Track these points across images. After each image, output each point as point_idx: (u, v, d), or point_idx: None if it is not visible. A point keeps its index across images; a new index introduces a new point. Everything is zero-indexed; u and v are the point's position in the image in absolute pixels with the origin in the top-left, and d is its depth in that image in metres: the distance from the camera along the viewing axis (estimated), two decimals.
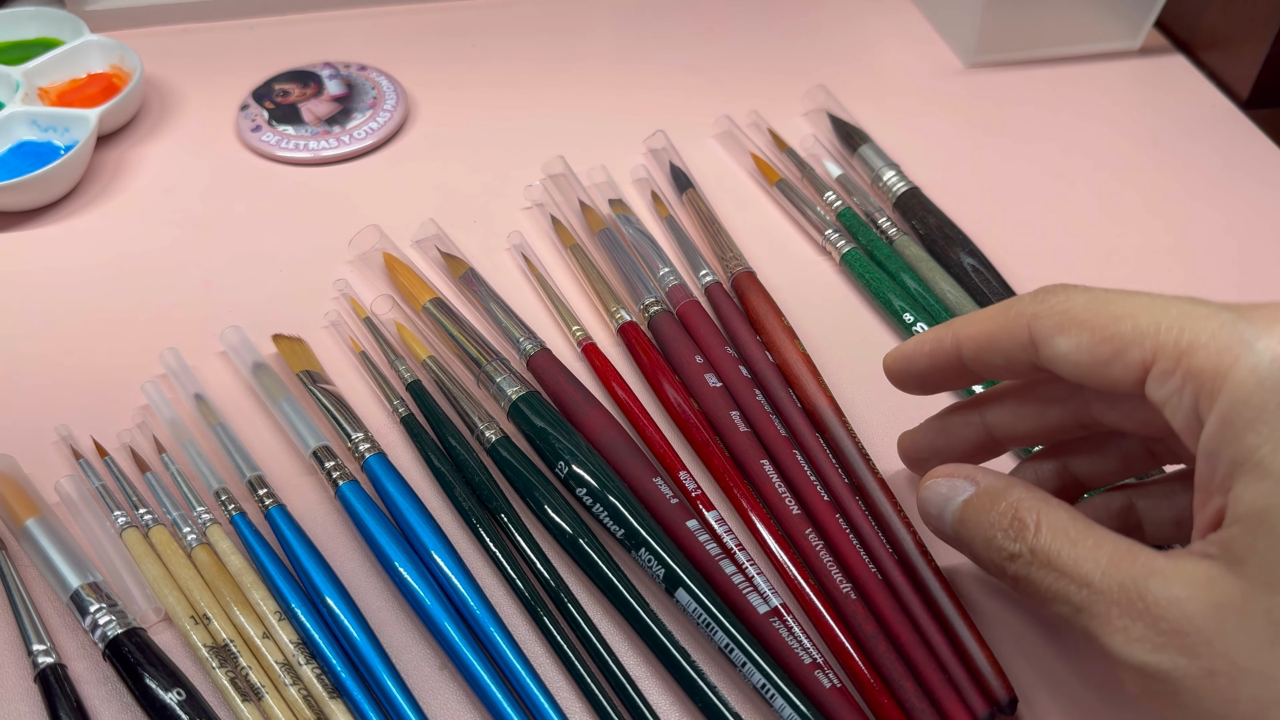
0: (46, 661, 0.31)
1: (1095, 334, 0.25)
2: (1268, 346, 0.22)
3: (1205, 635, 0.22)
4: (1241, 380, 0.22)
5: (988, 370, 0.29)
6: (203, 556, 0.33)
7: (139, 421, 0.37)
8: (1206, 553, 0.23)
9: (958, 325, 0.29)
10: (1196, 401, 0.23)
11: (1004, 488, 0.28)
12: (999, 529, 0.27)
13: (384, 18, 0.57)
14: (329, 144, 0.48)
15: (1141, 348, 0.24)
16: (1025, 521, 0.26)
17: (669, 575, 0.32)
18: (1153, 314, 0.24)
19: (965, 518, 0.28)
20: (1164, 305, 0.24)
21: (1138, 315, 0.25)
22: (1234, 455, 0.23)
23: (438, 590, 0.32)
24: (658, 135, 0.48)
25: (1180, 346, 0.24)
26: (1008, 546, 0.27)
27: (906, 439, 0.34)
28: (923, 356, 0.31)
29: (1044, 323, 0.26)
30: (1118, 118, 0.52)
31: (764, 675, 0.30)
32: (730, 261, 0.42)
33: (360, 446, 0.36)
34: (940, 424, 0.33)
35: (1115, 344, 0.25)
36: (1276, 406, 0.22)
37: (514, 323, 0.40)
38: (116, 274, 0.43)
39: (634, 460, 0.35)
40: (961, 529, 0.29)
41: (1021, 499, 0.27)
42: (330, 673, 0.31)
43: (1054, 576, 0.25)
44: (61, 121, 0.47)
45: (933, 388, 0.32)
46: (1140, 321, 0.24)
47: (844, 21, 0.57)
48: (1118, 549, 0.25)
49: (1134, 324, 0.25)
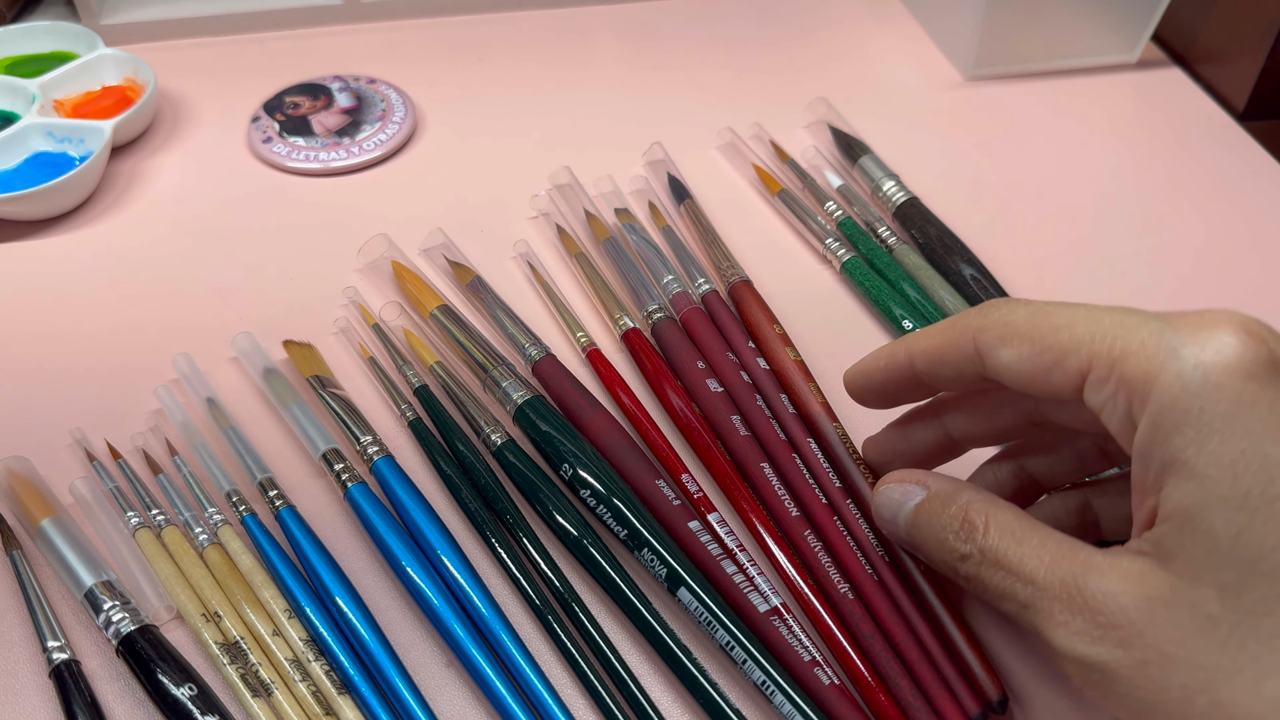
0: (61, 658, 0.32)
1: (1035, 345, 0.26)
2: (1192, 353, 0.24)
3: (1137, 627, 0.24)
4: (1168, 385, 0.24)
5: (940, 383, 0.30)
6: (214, 556, 0.34)
7: (152, 425, 0.38)
8: (1140, 550, 0.25)
9: (910, 340, 0.30)
10: (1129, 406, 0.24)
11: (954, 491, 0.29)
12: (950, 531, 0.28)
13: (392, 32, 0.58)
14: (339, 155, 0.49)
15: (1078, 356, 0.25)
16: (974, 523, 0.27)
17: (671, 575, 0.33)
18: (1089, 324, 0.25)
19: (918, 521, 0.29)
20: (1099, 316, 0.25)
21: (1074, 326, 0.26)
22: (1163, 457, 0.24)
23: (444, 589, 0.33)
24: (655, 147, 0.49)
25: (1113, 354, 0.25)
26: (958, 547, 0.28)
27: (871, 444, 0.35)
28: (879, 371, 0.32)
29: (988, 335, 0.27)
30: (1115, 130, 0.52)
31: (764, 672, 0.30)
32: (727, 270, 0.43)
33: (369, 449, 0.36)
34: (901, 430, 0.34)
35: (1054, 354, 0.26)
36: (1199, 410, 0.23)
37: (520, 329, 0.40)
38: (130, 281, 0.44)
39: (637, 463, 0.36)
40: (914, 532, 0.30)
41: (971, 501, 0.28)
42: (339, 669, 0.31)
43: (1001, 575, 0.26)
44: (77, 133, 0.48)
45: (891, 401, 0.33)
46: (1077, 332, 0.25)
47: (845, 36, 0.58)
48: (1060, 547, 0.26)
49: (1071, 334, 0.26)
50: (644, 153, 0.49)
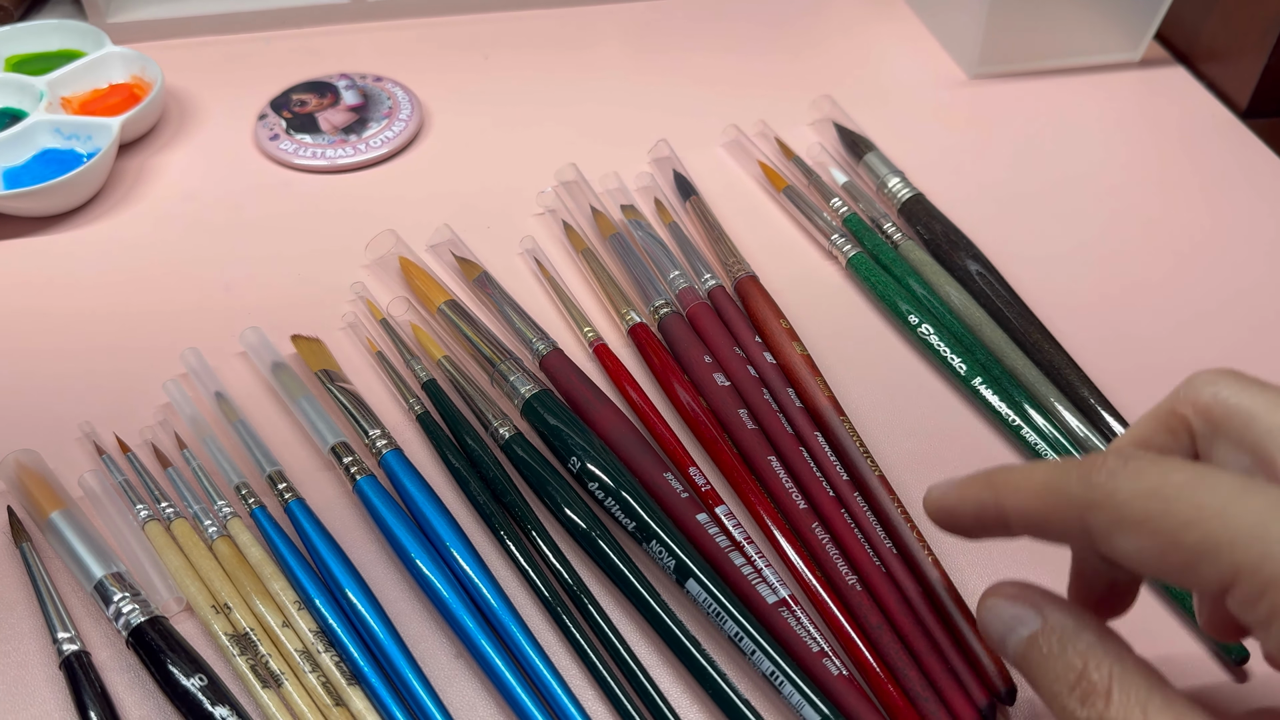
0: (71, 649, 0.32)
1: (1159, 540, 0.22)
2: None
3: None
4: None
5: (1042, 540, 0.26)
6: (223, 548, 0.34)
7: (160, 419, 0.38)
8: None
9: (1001, 492, 0.26)
10: None
11: (1074, 629, 0.24)
12: (1065, 684, 0.24)
13: (398, 30, 0.58)
14: (345, 152, 0.49)
15: (1217, 566, 0.21)
16: (1095, 685, 0.23)
17: (679, 566, 0.33)
18: (1224, 525, 0.21)
19: (1029, 655, 0.25)
20: (1234, 512, 0.21)
21: (1206, 522, 0.21)
22: None
23: (453, 581, 0.33)
24: (661, 144, 0.49)
25: (1263, 576, 0.20)
26: (1074, 710, 0.23)
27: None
28: (967, 516, 0.27)
29: (1099, 518, 0.23)
30: (1119, 128, 0.53)
31: (773, 663, 0.30)
32: (733, 266, 0.43)
33: (377, 443, 0.37)
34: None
35: (1185, 555, 0.22)
36: None
37: (527, 324, 0.41)
38: (138, 277, 0.44)
39: (645, 456, 0.36)
40: (1024, 665, 0.25)
41: (1093, 651, 0.23)
42: (348, 660, 0.32)
43: None
44: (84, 130, 0.48)
45: (978, 537, 0.28)
46: (1211, 531, 0.21)
47: (849, 34, 0.58)
48: None
49: (1204, 534, 0.21)
50: (649, 150, 0.49)
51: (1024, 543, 0.35)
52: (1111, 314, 0.43)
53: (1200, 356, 0.41)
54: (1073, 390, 0.39)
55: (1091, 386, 0.39)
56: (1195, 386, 0.25)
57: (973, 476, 0.27)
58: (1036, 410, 0.38)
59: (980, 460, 0.38)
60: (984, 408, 0.39)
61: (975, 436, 0.39)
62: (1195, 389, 0.25)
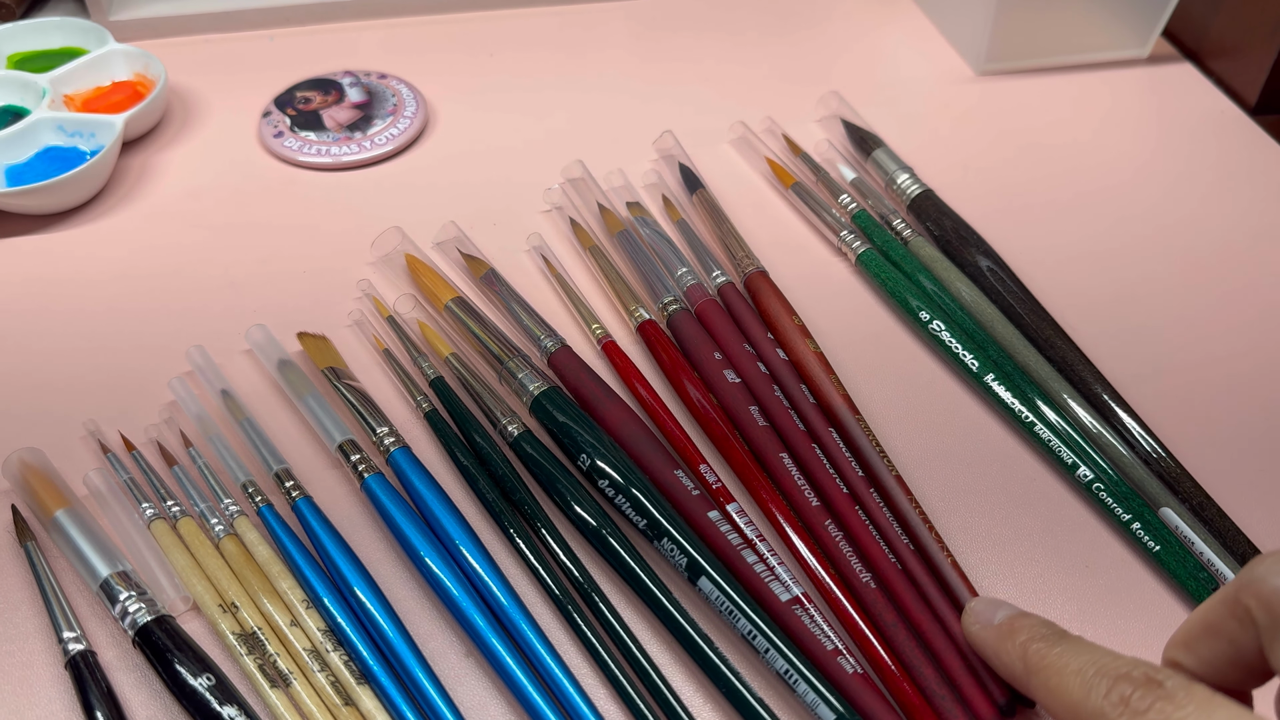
0: (77, 649, 0.31)
1: None
2: None
3: None
4: None
5: None
6: (230, 547, 0.34)
7: (166, 417, 0.38)
8: None
9: (1031, 684, 0.26)
10: None
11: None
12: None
13: (402, 28, 0.58)
14: (350, 149, 0.49)
15: None
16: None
17: (691, 564, 0.32)
18: None
19: None
20: None
21: None
22: None
23: (463, 580, 0.33)
24: (666, 136, 0.48)
25: None
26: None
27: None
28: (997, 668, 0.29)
29: None
30: (1127, 124, 0.52)
31: (787, 661, 0.30)
32: (743, 261, 0.43)
33: (385, 440, 0.36)
34: None
35: None
36: None
37: (535, 321, 0.40)
38: (143, 274, 0.44)
39: (655, 453, 0.35)
40: None
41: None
42: (358, 659, 0.31)
43: None
44: (88, 127, 0.48)
45: None
46: None
47: (856, 31, 0.58)
48: None
49: None
50: (654, 141, 0.49)
51: (1041, 547, 0.35)
52: (1123, 309, 0.43)
53: (1213, 351, 0.41)
54: (1086, 386, 0.39)
55: (1105, 382, 0.39)
56: (1259, 575, 0.23)
57: (1013, 637, 0.28)
58: (1050, 406, 0.38)
59: (994, 459, 0.38)
60: (997, 404, 0.39)
61: (988, 433, 0.38)
62: (1259, 578, 0.23)
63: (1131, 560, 0.35)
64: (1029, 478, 0.37)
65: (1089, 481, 0.36)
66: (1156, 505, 0.36)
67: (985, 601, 0.30)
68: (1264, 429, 0.39)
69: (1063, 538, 0.35)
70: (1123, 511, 0.35)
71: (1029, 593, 0.34)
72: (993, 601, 0.30)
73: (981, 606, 0.30)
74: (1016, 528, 0.36)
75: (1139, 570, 0.35)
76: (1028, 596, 0.34)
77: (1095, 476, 0.36)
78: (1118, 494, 0.35)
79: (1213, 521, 0.35)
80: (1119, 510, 0.35)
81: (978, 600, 0.30)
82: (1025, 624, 0.28)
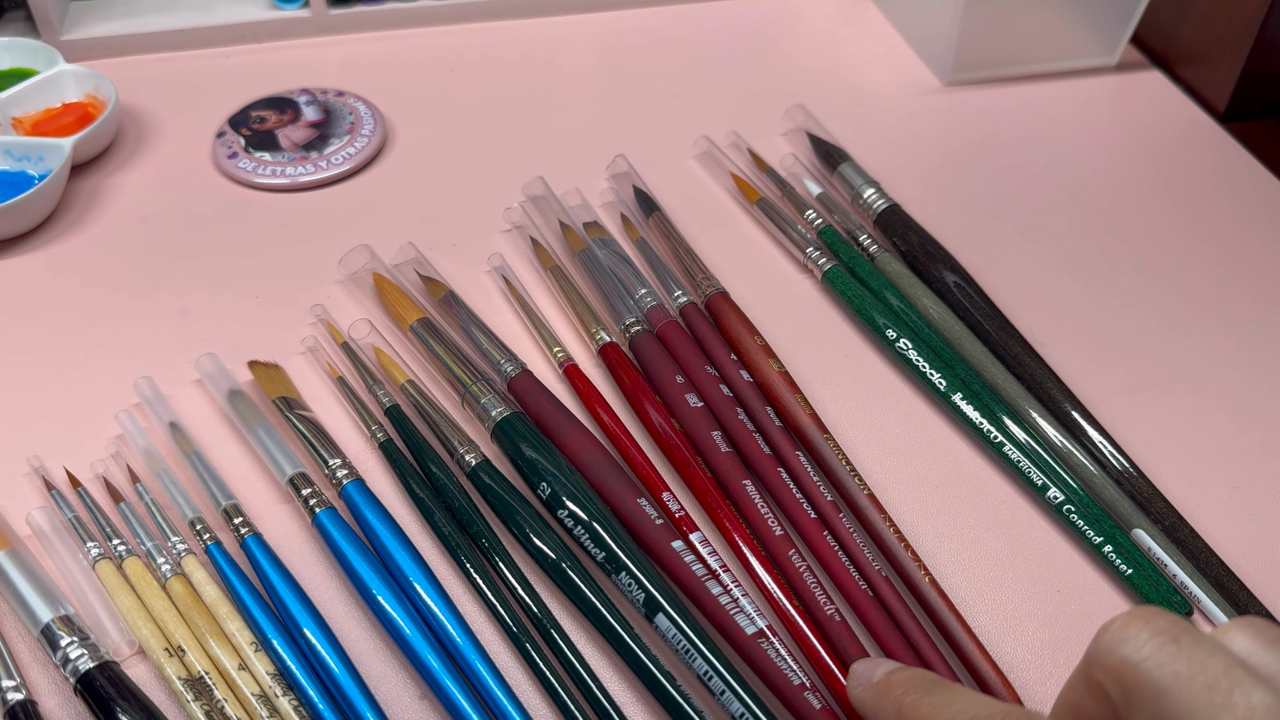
0: (16, 698, 0.30)
1: None
2: None
3: None
4: None
5: None
6: (177, 587, 0.33)
7: (113, 451, 0.37)
8: None
9: None
10: None
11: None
12: None
13: (361, 44, 0.57)
14: (306, 170, 0.48)
15: None
16: None
17: (649, 600, 0.31)
18: None
19: None
20: None
21: None
22: None
23: (418, 619, 0.32)
24: (619, 160, 0.48)
25: None
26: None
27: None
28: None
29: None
30: (1096, 133, 0.52)
31: (743, 705, 0.29)
32: (703, 283, 0.42)
33: (338, 473, 0.35)
34: None
35: None
36: None
37: (494, 345, 0.39)
38: (91, 302, 0.43)
39: (617, 481, 0.34)
40: None
41: None
42: (308, 704, 0.30)
43: None
44: (35, 150, 0.47)
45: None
46: None
47: (821, 43, 0.57)
48: None
49: None
50: (607, 166, 0.48)
51: (1011, 571, 0.34)
52: (1092, 324, 0.42)
53: (1184, 361, 0.41)
54: (1055, 404, 0.38)
55: (1074, 400, 0.38)
56: (1104, 647, 0.21)
57: (889, 693, 0.27)
58: (1018, 425, 0.37)
59: (963, 480, 0.37)
60: (965, 424, 0.38)
61: (957, 454, 0.38)
62: (1105, 650, 0.21)
63: (1103, 584, 0.34)
64: (998, 500, 0.36)
65: (1059, 504, 0.35)
66: (1129, 527, 0.35)
67: (866, 663, 0.29)
68: (1237, 446, 0.38)
69: (1033, 561, 0.35)
70: (1094, 534, 0.34)
71: (998, 619, 0.33)
72: (874, 661, 0.29)
73: (862, 668, 0.29)
74: (985, 551, 0.35)
75: (1111, 594, 0.34)
76: (997, 623, 0.33)
77: (1066, 498, 0.35)
78: (1089, 516, 0.35)
79: (1186, 543, 0.35)
80: (1090, 533, 0.35)
81: (860, 662, 0.30)
82: (901, 678, 0.27)
